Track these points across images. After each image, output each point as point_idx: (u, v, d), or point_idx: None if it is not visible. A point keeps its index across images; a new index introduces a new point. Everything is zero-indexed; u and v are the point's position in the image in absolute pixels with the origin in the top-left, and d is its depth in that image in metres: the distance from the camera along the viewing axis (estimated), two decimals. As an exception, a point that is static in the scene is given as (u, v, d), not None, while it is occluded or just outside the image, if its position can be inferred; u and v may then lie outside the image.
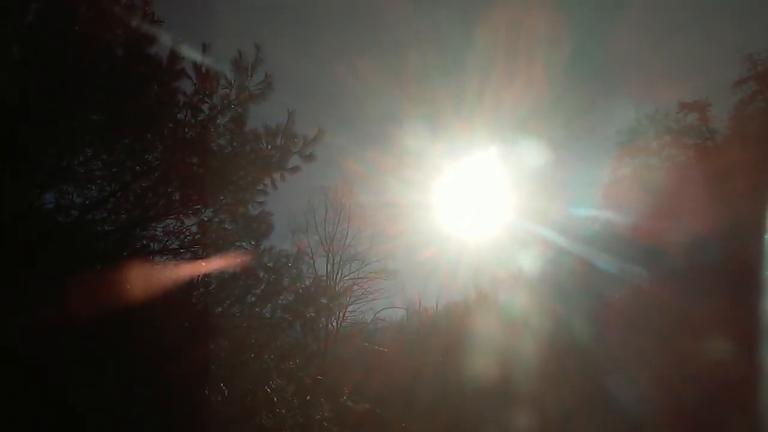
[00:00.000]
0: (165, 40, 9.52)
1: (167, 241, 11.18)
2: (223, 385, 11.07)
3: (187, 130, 10.05)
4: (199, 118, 10.04)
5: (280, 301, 12.12)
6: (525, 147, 33.60)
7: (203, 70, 9.73)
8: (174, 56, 9.51)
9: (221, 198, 11.01)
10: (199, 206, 10.86)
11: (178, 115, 9.95)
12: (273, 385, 12.17)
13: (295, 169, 11.10)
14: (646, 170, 33.59)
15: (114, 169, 10.05)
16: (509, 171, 35.54)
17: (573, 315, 28.05)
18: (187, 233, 11.14)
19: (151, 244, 11.18)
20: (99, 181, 10.07)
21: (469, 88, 34.66)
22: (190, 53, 9.71)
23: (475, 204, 37.87)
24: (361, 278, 34.07)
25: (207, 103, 9.98)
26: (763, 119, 26.69)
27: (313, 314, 12.90)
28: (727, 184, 22.89)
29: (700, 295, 20.15)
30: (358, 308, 34.68)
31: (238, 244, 11.64)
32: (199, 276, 11.59)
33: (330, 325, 32.89)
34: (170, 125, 9.97)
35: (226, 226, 11.35)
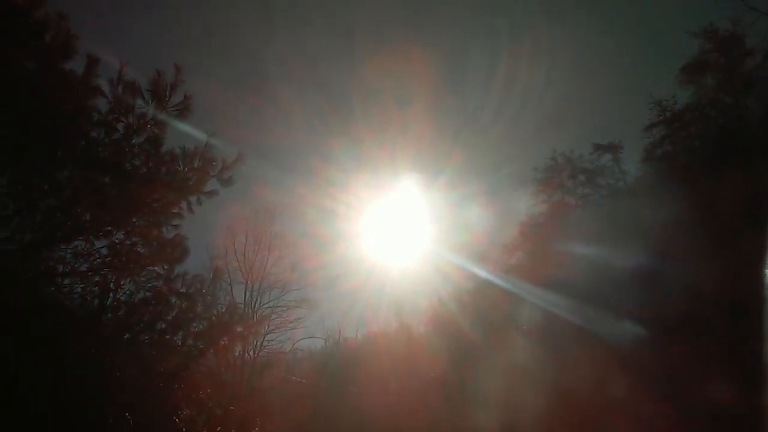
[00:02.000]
0: (81, 55, 9.30)
1: (75, 263, 10.75)
2: (129, 415, 10.63)
3: (100, 149, 9.74)
4: (114, 137, 9.76)
5: (192, 329, 11.74)
6: (446, 179, 34.27)
7: (120, 89, 9.50)
8: (89, 72, 9.28)
9: (134, 220, 10.68)
10: (110, 228, 10.49)
11: (92, 134, 9.66)
12: (182, 416, 11.76)
13: (212, 192, 10.90)
14: (562, 207, 34.85)
15: (20, 187, 9.64)
16: (431, 203, 36.15)
17: (492, 343, 28.59)
18: (97, 256, 10.72)
19: (58, 266, 10.73)
20: (3, 198, 9.60)
21: (391, 120, 35.31)
22: (107, 70, 9.50)
23: (398, 235, 38.26)
24: (280, 307, 33.68)
25: (122, 122, 9.72)
26: (671, 161, 28.19)
27: (227, 343, 12.56)
28: (638, 222, 24.01)
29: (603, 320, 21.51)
30: (277, 338, 34.24)
31: (150, 268, 11.28)
32: (107, 300, 11.18)
33: (246, 355, 32.24)
34: (82, 143, 9.65)
35: (139, 249, 10.98)
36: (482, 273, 32.49)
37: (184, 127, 10.17)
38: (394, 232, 38.16)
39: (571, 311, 24.59)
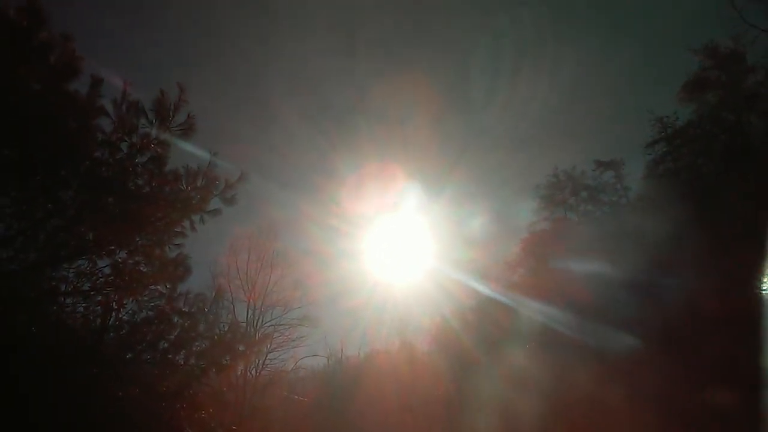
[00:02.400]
0: (85, 76, 9.35)
1: (78, 282, 10.69)
2: (131, 435, 10.59)
3: (104, 169, 9.78)
4: (118, 157, 9.81)
5: (194, 348, 11.71)
6: (449, 196, 34.30)
7: (124, 109, 9.55)
8: (93, 93, 9.33)
9: (137, 239, 10.70)
10: (113, 247, 10.50)
11: (96, 153, 9.69)
12: (185, 436, 11.71)
13: (215, 211, 10.94)
14: (564, 224, 34.84)
15: (24, 206, 9.66)
16: (434, 220, 36.13)
17: (495, 360, 28.47)
18: (100, 275, 10.69)
19: (61, 285, 10.70)
20: (7, 219, 9.62)
21: (394, 139, 35.41)
22: (111, 91, 9.54)
23: (400, 253, 38.16)
24: (282, 325, 33.44)
25: (126, 141, 9.76)
26: (673, 178, 28.25)
27: (229, 362, 12.50)
28: (638, 237, 24.03)
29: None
30: (279, 356, 33.94)
31: (153, 287, 11.27)
32: (110, 319, 11.16)
33: (248, 374, 32.04)
34: (86, 163, 9.68)
35: (141, 268, 10.97)
36: (485, 290, 32.41)
37: (187, 146, 10.20)
38: (396, 249, 38.09)
39: (572, 326, 24.60)
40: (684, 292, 20.69)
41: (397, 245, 37.98)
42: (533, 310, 26.83)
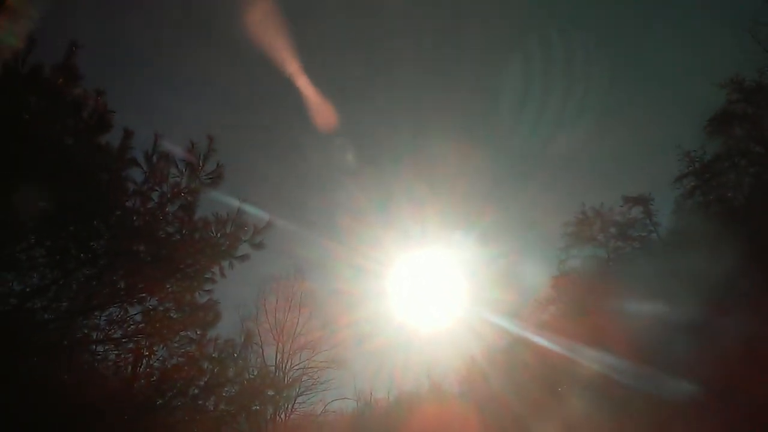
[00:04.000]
0: (117, 129, 9.61)
1: (110, 330, 10.84)
2: (162, 482, 10.60)
3: (135, 218, 9.98)
4: (149, 206, 10.01)
5: (224, 393, 11.75)
6: (477, 236, 34.15)
7: (154, 159, 9.78)
8: (125, 146, 9.58)
9: (167, 286, 10.82)
10: (144, 294, 10.64)
11: (127, 203, 9.91)
12: (215, 482, 11.68)
13: (244, 257, 11.08)
14: (594, 262, 34.39)
15: (57, 256, 9.85)
16: (462, 260, 35.90)
17: (524, 405, 27.97)
18: (131, 322, 10.84)
19: (93, 333, 10.85)
20: (41, 268, 9.82)
21: (420, 177, 35.48)
22: (142, 142, 9.79)
23: (429, 293, 37.90)
24: (311, 368, 33.31)
25: (157, 191, 9.99)
26: (703, 212, 27.84)
27: (259, 407, 12.52)
28: (674, 274, 23.54)
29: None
30: (308, 399, 33.79)
31: (183, 333, 11.37)
32: (141, 366, 11.26)
33: (278, 417, 31.87)
34: (118, 213, 9.89)
35: (172, 314, 11.09)
36: (515, 330, 32.04)
37: (216, 194, 10.39)
38: (424, 289, 37.88)
39: (606, 366, 24.02)
40: (736, 330, 19.96)
41: (425, 285, 37.80)
42: (565, 350, 26.36)
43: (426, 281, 37.73)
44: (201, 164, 10.05)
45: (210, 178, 10.20)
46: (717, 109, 28.16)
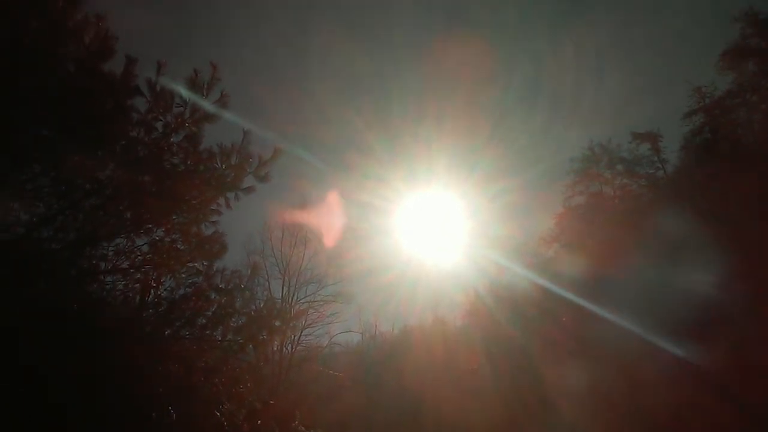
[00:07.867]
0: (119, 56, 9.41)
1: (117, 260, 10.87)
2: (172, 409, 10.76)
3: (140, 148, 9.87)
4: (153, 136, 9.88)
5: (231, 324, 11.82)
6: (482, 173, 33.99)
7: (158, 88, 9.59)
8: (128, 73, 9.38)
9: (174, 217, 10.83)
10: (150, 226, 10.66)
11: (131, 133, 9.79)
12: (223, 410, 11.87)
13: (250, 189, 10.99)
14: (600, 199, 34.25)
15: (63, 187, 9.81)
16: (467, 196, 35.87)
17: (528, 337, 28.31)
18: (138, 253, 10.87)
19: (101, 263, 10.88)
20: (47, 198, 9.81)
21: (426, 114, 35.16)
22: (145, 70, 9.58)
23: (433, 229, 38.07)
24: (317, 302, 33.67)
25: (161, 121, 9.82)
26: (711, 150, 27.53)
27: (265, 337, 12.62)
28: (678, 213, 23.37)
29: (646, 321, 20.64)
30: (314, 332, 34.28)
31: (190, 264, 11.40)
32: (148, 297, 11.33)
33: (284, 349, 32.44)
34: (123, 143, 9.79)
35: (178, 246, 11.13)
36: (518, 267, 32.23)
37: (221, 124, 10.24)
38: (430, 225, 37.98)
39: (608, 304, 24.10)
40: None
41: (431, 221, 37.90)
42: (569, 286, 26.49)
43: (431, 218, 37.87)
44: (205, 93, 9.85)
45: (214, 108, 10.01)
46: (730, 43, 27.57)
